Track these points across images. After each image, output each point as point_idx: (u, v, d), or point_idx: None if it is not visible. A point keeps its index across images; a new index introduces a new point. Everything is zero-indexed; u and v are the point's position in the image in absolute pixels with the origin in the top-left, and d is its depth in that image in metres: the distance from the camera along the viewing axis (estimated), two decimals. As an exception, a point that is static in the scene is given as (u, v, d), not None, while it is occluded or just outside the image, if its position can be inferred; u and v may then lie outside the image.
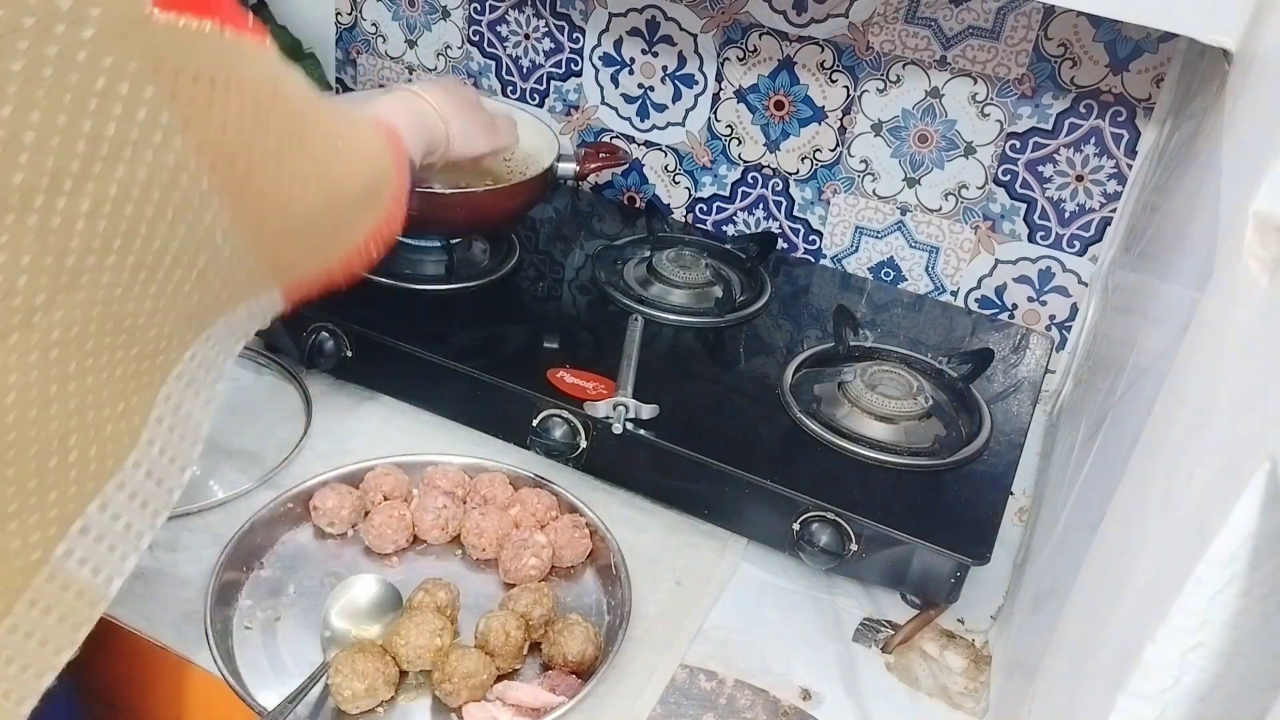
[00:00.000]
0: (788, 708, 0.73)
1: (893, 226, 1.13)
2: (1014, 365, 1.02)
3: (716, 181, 1.21)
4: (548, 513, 0.83)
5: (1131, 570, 0.41)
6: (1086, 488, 0.66)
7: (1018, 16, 0.98)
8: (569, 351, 0.94)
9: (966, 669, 0.79)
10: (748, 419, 0.89)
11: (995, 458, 0.87)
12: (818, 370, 0.95)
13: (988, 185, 1.07)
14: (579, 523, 0.82)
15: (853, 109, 1.09)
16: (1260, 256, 0.36)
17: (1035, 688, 0.59)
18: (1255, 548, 0.31)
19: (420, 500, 0.83)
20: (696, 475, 0.83)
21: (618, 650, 0.72)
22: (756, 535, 0.85)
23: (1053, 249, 1.07)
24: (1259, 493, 0.30)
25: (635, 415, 0.84)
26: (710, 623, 0.79)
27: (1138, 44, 0.95)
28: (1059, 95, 1.00)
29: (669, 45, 1.15)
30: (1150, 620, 0.34)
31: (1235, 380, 0.35)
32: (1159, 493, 0.41)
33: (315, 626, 0.74)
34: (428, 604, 0.74)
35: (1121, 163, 1.00)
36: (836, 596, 0.84)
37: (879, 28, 1.04)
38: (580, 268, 1.10)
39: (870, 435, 0.86)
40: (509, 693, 0.70)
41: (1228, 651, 0.33)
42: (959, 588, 0.77)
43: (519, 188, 1.01)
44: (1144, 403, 0.53)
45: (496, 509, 0.82)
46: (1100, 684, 0.40)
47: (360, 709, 0.68)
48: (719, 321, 1.01)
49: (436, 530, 0.81)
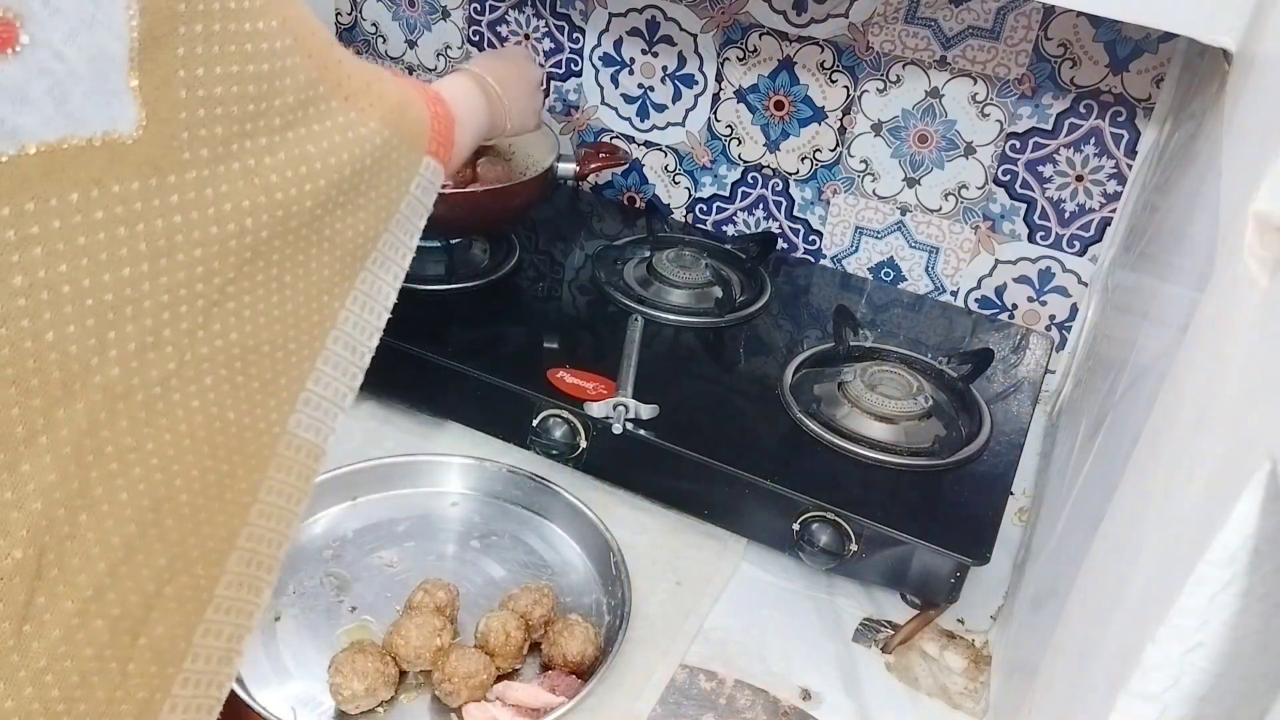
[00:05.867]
0: (788, 708, 0.73)
1: (893, 226, 1.13)
2: (1014, 365, 1.02)
3: (716, 181, 1.21)
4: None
5: (1131, 570, 0.41)
6: (1086, 488, 0.66)
7: (1018, 16, 0.98)
8: (569, 351, 0.94)
9: (966, 669, 0.79)
10: (748, 419, 0.89)
11: (995, 458, 0.87)
12: (818, 370, 0.95)
13: (988, 185, 1.07)
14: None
15: (853, 109, 1.09)
16: (1260, 256, 0.36)
17: (1035, 688, 0.59)
18: (1255, 548, 0.31)
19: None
20: (696, 475, 0.83)
21: (618, 650, 0.72)
22: (756, 535, 0.85)
23: (1053, 249, 1.07)
24: (1259, 493, 0.30)
25: (635, 415, 0.84)
26: (710, 623, 0.79)
27: (1138, 44, 0.95)
28: (1059, 95, 1.00)
29: (669, 45, 1.15)
30: (1150, 620, 0.34)
31: (1235, 380, 0.35)
32: (1159, 493, 0.41)
33: (315, 626, 0.74)
34: (428, 604, 0.74)
35: (1121, 163, 1.00)
36: (836, 596, 0.83)
37: (879, 28, 1.04)
38: (580, 268, 1.10)
39: (870, 435, 0.86)
40: (509, 693, 0.70)
41: (1228, 651, 0.33)
42: (959, 588, 0.77)
43: (519, 188, 1.01)
44: (1144, 403, 0.52)
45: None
46: (1100, 684, 0.40)
47: (360, 709, 0.68)
48: (719, 321, 1.01)
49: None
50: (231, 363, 0.51)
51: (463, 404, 0.92)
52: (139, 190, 0.44)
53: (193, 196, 0.46)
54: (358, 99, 0.56)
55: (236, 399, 0.51)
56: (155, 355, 0.46)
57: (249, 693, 0.68)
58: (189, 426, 0.48)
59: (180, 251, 0.46)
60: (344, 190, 0.55)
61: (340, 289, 0.58)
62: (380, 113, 0.58)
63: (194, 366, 0.48)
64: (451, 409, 0.93)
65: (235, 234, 0.49)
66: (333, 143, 0.54)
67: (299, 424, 0.56)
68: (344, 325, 0.59)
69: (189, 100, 0.45)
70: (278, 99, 0.50)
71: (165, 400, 0.47)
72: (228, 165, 0.48)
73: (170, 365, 0.47)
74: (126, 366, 0.45)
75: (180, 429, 0.48)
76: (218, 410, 0.50)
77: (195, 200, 0.46)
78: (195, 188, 0.46)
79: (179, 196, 0.45)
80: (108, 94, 0.42)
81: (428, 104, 0.64)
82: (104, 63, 0.41)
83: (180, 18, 0.44)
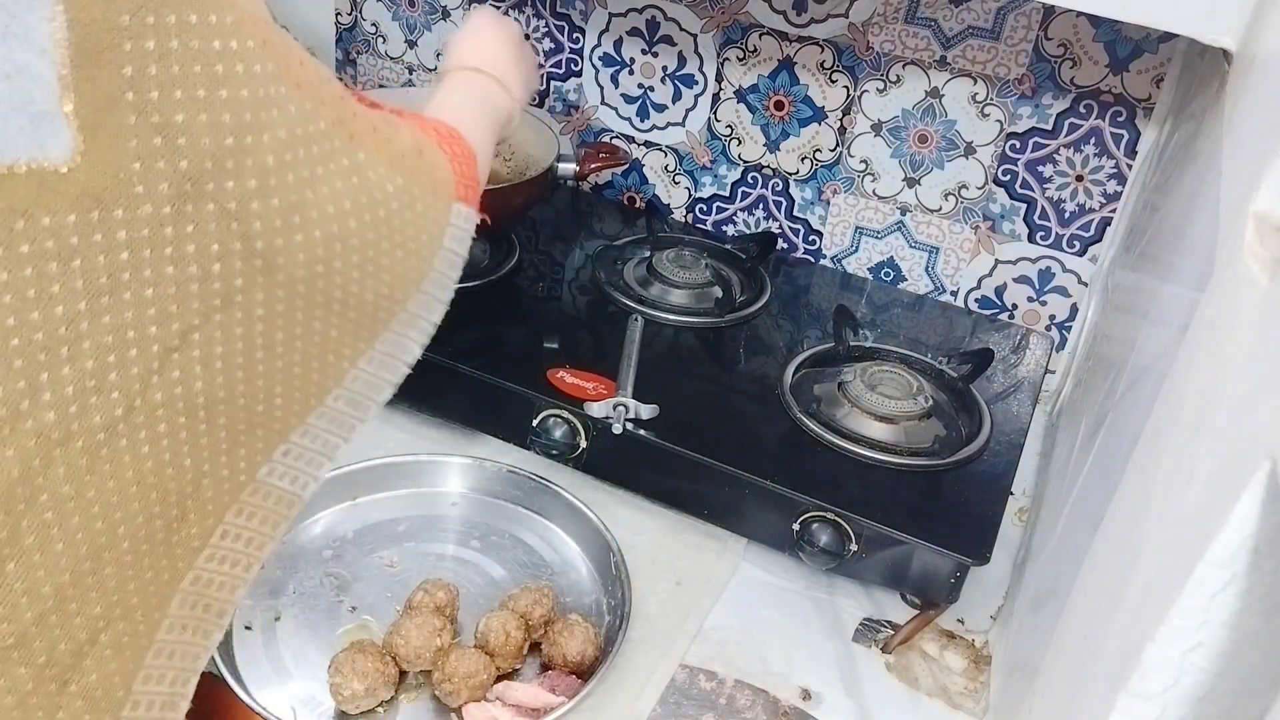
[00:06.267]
0: (788, 708, 0.73)
1: (893, 226, 1.13)
2: (1014, 365, 1.02)
3: (716, 181, 1.21)
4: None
5: (1131, 570, 0.41)
6: (1086, 488, 0.66)
7: (1018, 16, 0.98)
8: (569, 351, 0.94)
9: (966, 669, 0.79)
10: (748, 419, 0.89)
11: (995, 458, 0.87)
12: (818, 370, 0.95)
13: (988, 185, 1.07)
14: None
15: (853, 109, 1.09)
16: (1260, 256, 0.36)
17: (1035, 688, 0.59)
18: (1255, 548, 0.31)
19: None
20: (696, 475, 0.83)
21: (618, 650, 0.72)
22: (756, 535, 0.85)
23: (1053, 249, 1.07)
24: (1259, 493, 0.30)
25: (635, 415, 0.84)
26: (710, 623, 0.79)
27: (1138, 44, 0.95)
28: (1059, 95, 1.00)
29: (669, 45, 1.15)
30: (1150, 620, 0.34)
31: (1235, 380, 0.35)
32: (1159, 493, 0.41)
33: (315, 626, 0.74)
34: (427, 604, 0.74)
35: (1121, 163, 1.00)
36: (836, 596, 0.83)
37: (879, 28, 1.04)
38: (580, 268, 1.10)
39: (870, 435, 0.86)
40: (509, 693, 0.70)
41: (1228, 651, 0.33)
42: (959, 588, 0.77)
43: (519, 188, 1.01)
44: (1144, 403, 0.52)
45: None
46: (1100, 684, 0.40)
47: (360, 709, 0.68)
48: (719, 321, 1.01)
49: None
50: (194, 411, 0.46)
51: (463, 404, 0.92)
52: (75, 224, 0.40)
53: (145, 234, 0.41)
54: (364, 140, 0.50)
55: (196, 447, 0.47)
56: (98, 400, 0.42)
57: (249, 693, 0.68)
58: (136, 473, 0.45)
59: (126, 290, 0.42)
60: (354, 249, 0.50)
61: (353, 350, 0.53)
62: (390, 157, 0.52)
63: (145, 413, 0.44)
64: (451, 409, 0.93)
65: (198, 277, 0.44)
66: (334, 189, 0.48)
67: (272, 473, 0.52)
68: (352, 385, 0.54)
69: (140, 126, 0.40)
70: (265, 133, 0.44)
71: (110, 446, 0.43)
72: (197, 204, 0.42)
73: (117, 411, 0.43)
74: (64, 411, 0.41)
75: (126, 475, 0.44)
76: (171, 457, 0.46)
77: (149, 238, 0.42)
78: (149, 224, 0.41)
79: (127, 233, 0.41)
80: (32, 117, 0.38)
81: (442, 144, 0.59)
82: (25, 81, 0.38)
83: (123, 32, 0.39)
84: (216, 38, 0.41)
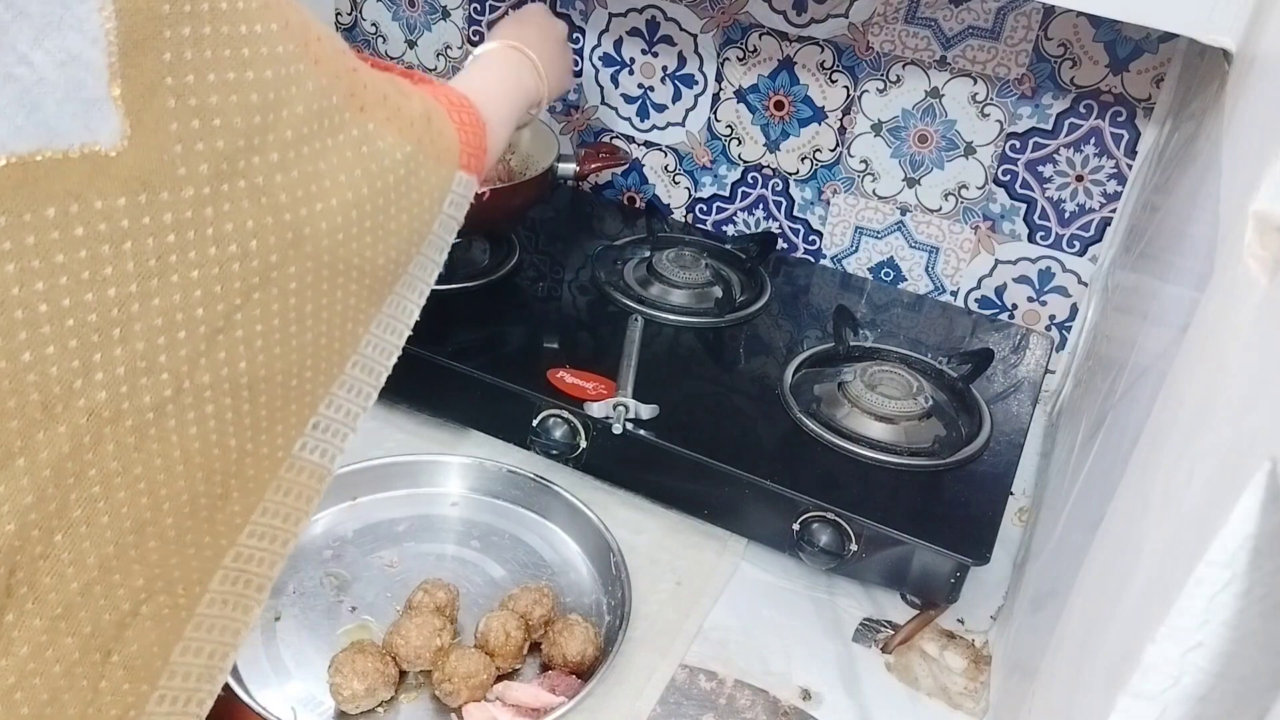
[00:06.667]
0: (788, 708, 0.73)
1: (893, 227, 1.13)
2: (1014, 365, 1.02)
3: (716, 181, 1.21)
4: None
5: (1131, 570, 0.41)
6: (1086, 488, 0.66)
7: (1018, 16, 0.98)
8: (569, 351, 0.94)
9: (966, 669, 0.79)
10: (748, 419, 0.89)
11: (995, 458, 0.87)
12: (818, 370, 0.95)
13: (988, 185, 1.07)
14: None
15: (853, 109, 1.09)
16: (1260, 256, 0.36)
17: (1035, 688, 0.59)
18: (1255, 548, 0.31)
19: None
20: (696, 475, 0.83)
21: (618, 650, 0.72)
22: (756, 535, 0.85)
23: (1053, 249, 1.07)
24: (1259, 493, 0.30)
25: (635, 415, 0.84)
26: (710, 623, 0.79)
27: (1138, 44, 0.95)
28: (1059, 95, 1.00)
29: (669, 45, 1.15)
30: (1150, 620, 0.34)
31: (1235, 380, 0.35)
32: (1159, 493, 0.41)
33: (315, 626, 0.74)
34: (428, 604, 0.74)
35: (1121, 163, 1.00)
36: (836, 596, 0.83)
37: (879, 28, 1.04)
38: (580, 268, 1.10)
39: (870, 435, 0.86)
40: (509, 693, 0.70)
41: (1228, 651, 0.33)
42: (959, 588, 0.77)
43: (519, 188, 1.01)
44: (1144, 403, 0.52)
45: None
46: (1100, 684, 0.40)
47: (360, 709, 0.68)
48: (719, 321, 1.01)
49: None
50: (238, 391, 0.48)
51: (463, 404, 0.92)
52: (125, 206, 0.41)
53: (189, 215, 0.43)
54: (374, 111, 0.52)
55: (240, 427, 0.49)
56: (149, 381, 0.44)
57: (249, 693, 0.68)
58: (183, 453, 0.46)
59: (174, 273, 0.43)
60: (367, 214, 0.52)
61: (366, 315, 0.56)
62: (399, 126, 0.54)
63: (193, 394, 0.46)
64: (451, 409, 0.93)
65: (238, 256, 0.45)
66: (344, 159, 0.50)
67: (304, 447, 0.54)
68: (365, 349, 0.56)
69: (180, 110, 0.42)
70: (285, 109, 0.46)
71: (159, 426, 0.45)
72: (231, 183, 0.44)
73: (166, 392, 0.44)
74: (115, 391, 0.42)
75: (173, 455, 0.46)
76: (217, 438, 0.48)
77: (192, 219, 0.43)
78: (193, 206, 0.43)
79: (173, 215, 0.43)
80: (84, 103, 0.39)
81: (451, 112, 0.61)
82: (78, 69, 0.39)
83: (164, 20, 0.41)
84: (243, 22, 0.43)
